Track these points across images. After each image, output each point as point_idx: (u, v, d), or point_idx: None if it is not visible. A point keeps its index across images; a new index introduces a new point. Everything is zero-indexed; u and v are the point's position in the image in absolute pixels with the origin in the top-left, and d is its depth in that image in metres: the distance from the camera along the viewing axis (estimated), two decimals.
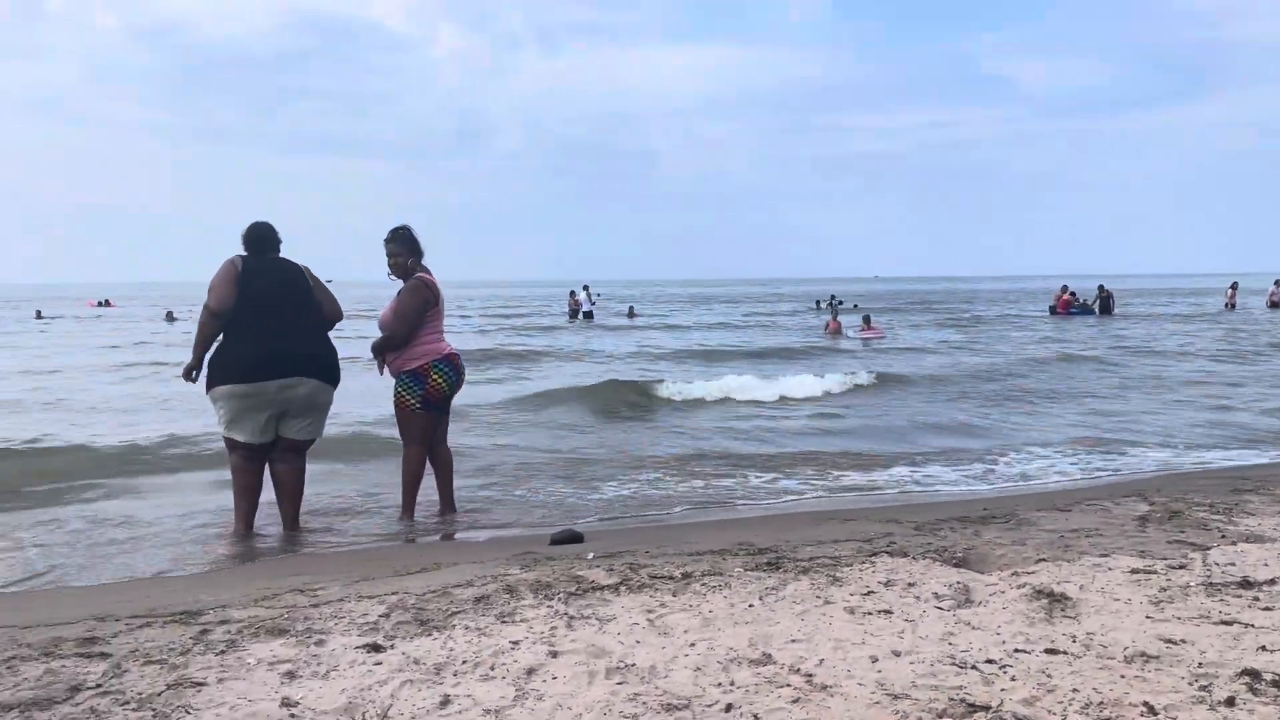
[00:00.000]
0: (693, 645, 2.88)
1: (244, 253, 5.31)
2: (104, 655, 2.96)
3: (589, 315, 34.44)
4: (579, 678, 2.63)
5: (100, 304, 55.13)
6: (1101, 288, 33.57)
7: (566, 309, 36.09)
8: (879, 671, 2.63)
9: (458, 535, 5.66)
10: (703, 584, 3.60)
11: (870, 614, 3.16)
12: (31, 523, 5.98)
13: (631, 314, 37.89)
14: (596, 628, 3.10)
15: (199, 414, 8.89)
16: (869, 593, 3.42)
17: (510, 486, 6.92)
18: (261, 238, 5.36)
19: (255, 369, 5.10)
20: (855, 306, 40.63)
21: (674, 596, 3.45)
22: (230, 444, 5.34)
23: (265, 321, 5.14)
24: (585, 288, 37.22)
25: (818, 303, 44.50)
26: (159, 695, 2.59)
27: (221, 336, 5.23)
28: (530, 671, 2.69)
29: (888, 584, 3.53)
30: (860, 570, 3.75)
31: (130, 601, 3.82)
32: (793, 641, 2.90)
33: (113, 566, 4.92)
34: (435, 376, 5.65)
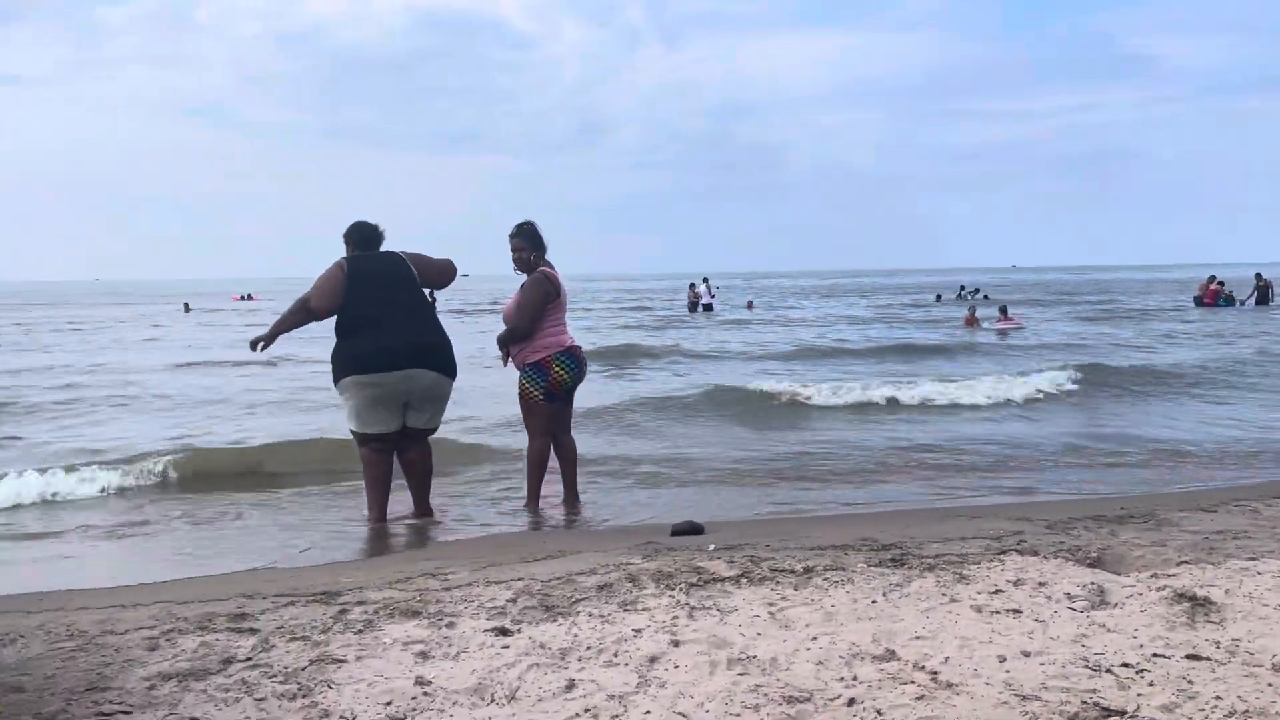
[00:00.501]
0: (814, 639, 2.88)
1: (349, 252, 5.52)
2: (253, 631, 3.15)
3: (709, 308, 34.39)
4: (700, 667, 2.67)
5: (243, 298, 57.85)
6: (1259, 276, 31.41)
7: (687, 301, 36.13)
8: (1007, 671, 2.57)
9: (580, 524, 5.77)
10: (824, 578, 3.59)
11: (998, 613, 3.09)
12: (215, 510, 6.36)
13: (750, 306, 37.67)
14: (718, 619, 3.12)
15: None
16: (997, 591, 3.34)
17: (633, 479, 7.00)
18: (367, 236, 5.57)
19: (376, 361, 5.26)
20: (985, 297, 39.27)
21: (795, 590, 3.45)
22: (361, 437, 5.49)
23: (380, 316, 5.30)
24: (705, 280, 37.18)
25: (938, 296, 43.16)
26: (303, 670, 2.74)
27: (339, 334, 5.38)
28: (653, 659, 2.74)
29: (1017, 583, 3.44)
30: (988, 568, 3.67)
31: (275, 582, 4.04)
32: (917, 638, 2.86)
33: (256, 551, 5.20)
34: (557, 368, 5.76)
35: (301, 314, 5.39)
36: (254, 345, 5.53)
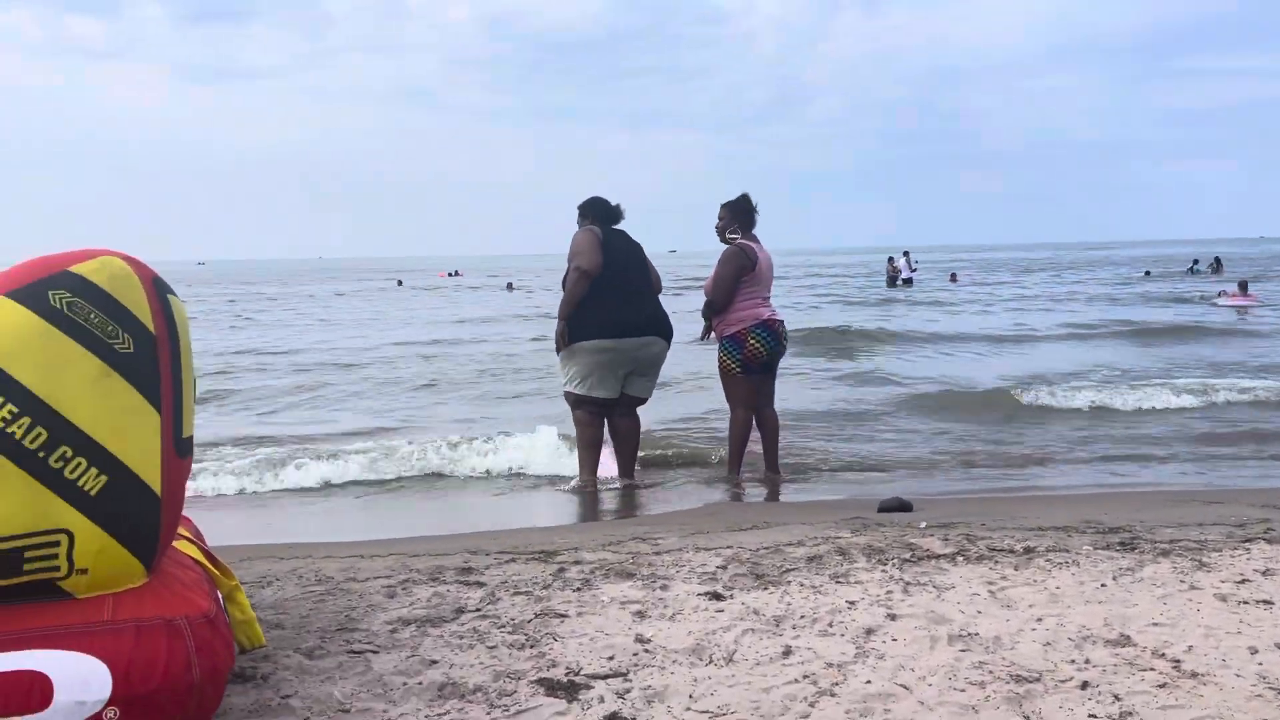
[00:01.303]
0: (1039, 620, 2.77)
1: (585, 224, 5.68)
2: (479, 584, 3.32)
3: (908, 282, 33.40)
4: (920, 641, 2.62)
5: (450, 274, 60.65)
6: None
7: (886, 276, 35.22)
8: (1260, 664, 2.39)
9: (783, 496, 5.77)
10: (1047, 559, 3.44)
11: (1246, 603, 2.88)
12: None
13: (953, 279, 36.28)
14: (934, 595, 3.05)
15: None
16: (1243, 580, 3.11)
17: (838, 453, 6.92)
18: (609, 212, 5.74)
19: (620, 326, 5.44)
20: (1217, 266, 36.08)
21: (1015, 570, 3.33)
22: (578, 400, 5.64)
23: (624, 285, 5.49)
24: (905, 254, 36.12)
25: (1147, 271, 39.93)
26: (529, 622, 2.88)
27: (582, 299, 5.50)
28: (869, 631, 2.71)
29: (1265, 573, 3.19)
30: (1232, 556, 3.41)
31: (496, 540, 4.25)
32: (1154, 625, 2.70)
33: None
34: (753, 341, 5.76)
35: (581, 282, 5.44)
36: (561, 340, 5.55)
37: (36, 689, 1.79)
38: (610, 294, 5.44)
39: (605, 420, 5.74)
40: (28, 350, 1.87)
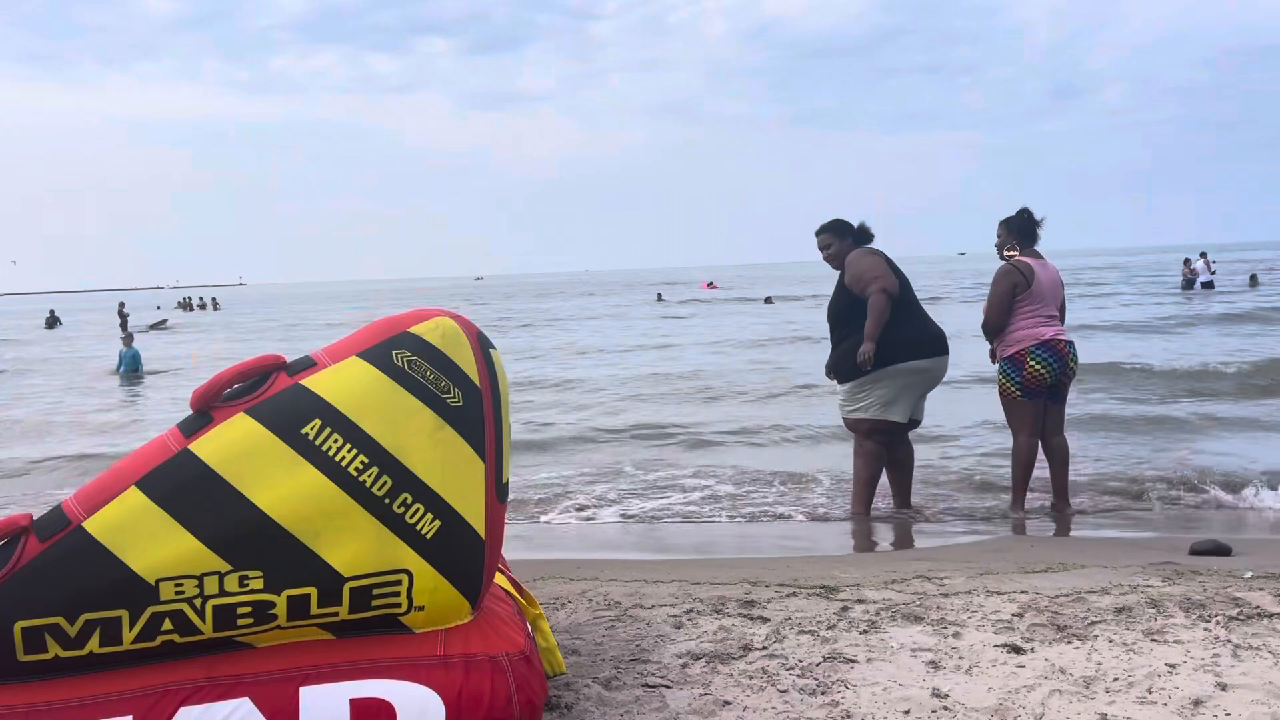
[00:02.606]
0: None
1: (839, 246, 5.59)
2: (763, 620, 3.33)
3: (1208, 285, 30.39)
4: (1260, 718, 2.37)
5: (709, 285, 61.75)
6: None
7: (1181, 279, 32.25)
8: None
9: (1073, 532, 5.41)
10: None
11: None
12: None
13: (1254, 282, 32.63)
14: (1271, 662, 2.75)
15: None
16: None
17: (1133, 486, 6.40)
18: (865, 232, 5.64)
19: (930, 346, 5.38)
20: None
21: None
22: (874, 427, 5.46)
23: (914, 303, 5.46)
24: (1203, 255, 32.92)
25: None
26: (817, 665, 2.85)
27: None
28: (1196, 703, 2.48)
29: None
30: None
31: (775, 571, 4.25)
32: None
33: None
34: (1032, 363, 5.44)
35: (886, 307, 5.29)
36: (865, 362, 5.29)
37: (384, 715, 1.98)
38: (911, 313, 5.38)
39: None
40: (376, 405, 2.08)
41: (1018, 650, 2.92)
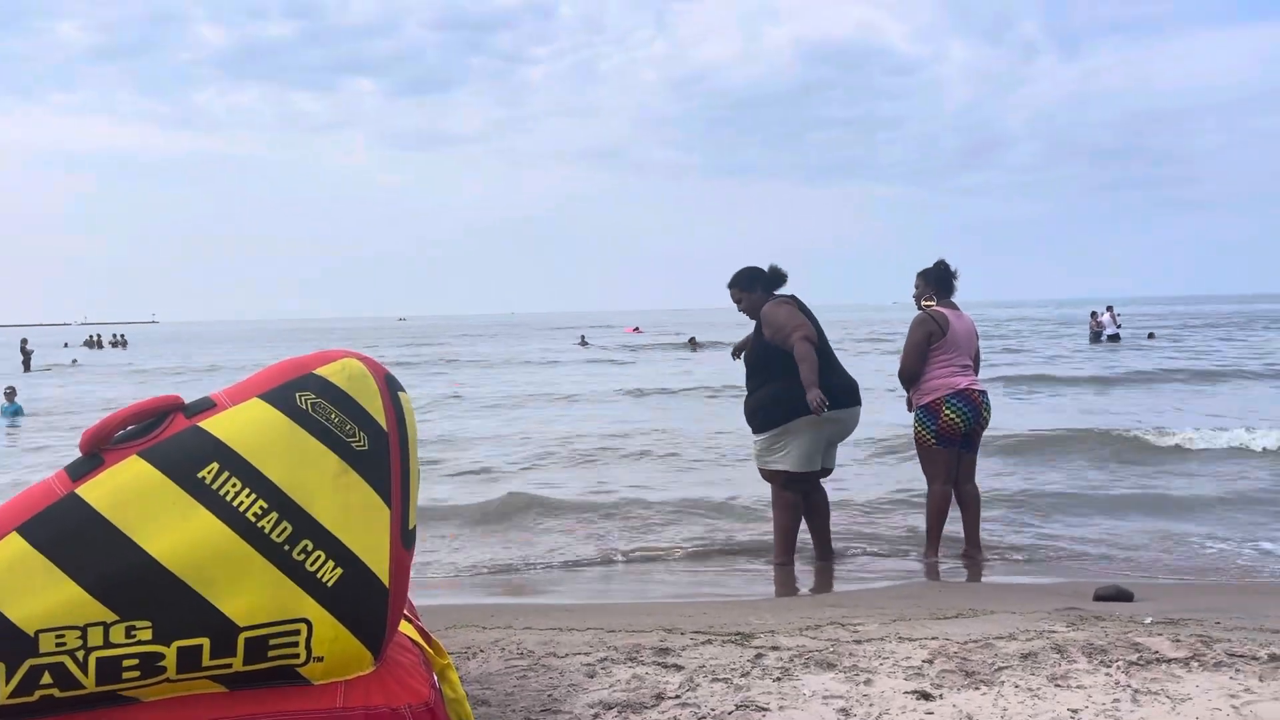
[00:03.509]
0: None
1: (754, 293, 5.57)
2: (677, 667, 3.30)
3: (1114, 338, 31.53)
4: None
5: (634, 330, 61.90)
6: None
7: (1088, 331, 33.38)
8: None
9: (985, 578, 5.50)
10: None
11: None
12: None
13: (1150, 338, 33.93)
14: (1169, 708, 2.81)
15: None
16: None
17: (1044, 529, 6.56)
18: (778, 277, 5.64)
19: (843, 397, 5.32)
20: None
21: (1260, 681, 3.02)
22: (788, 479, 5.45)
23: (827, 353, 5.40)
24: (1109, 308, 34.16)
25: None
26: (729, 714, 2.83)
27: (789, 372, 5.25)
28: None
29: None
30: None
31: (691, 617, 4.23)
32: None
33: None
34: (947, 411, 5.55)
35: (812, 351, 5.20)
36: (819, 405, 5.11)
37: None
38: (826, 364, 5.31)
39: None
40: (277, 449, 2.01)
41: (927, 696, 2.94)
